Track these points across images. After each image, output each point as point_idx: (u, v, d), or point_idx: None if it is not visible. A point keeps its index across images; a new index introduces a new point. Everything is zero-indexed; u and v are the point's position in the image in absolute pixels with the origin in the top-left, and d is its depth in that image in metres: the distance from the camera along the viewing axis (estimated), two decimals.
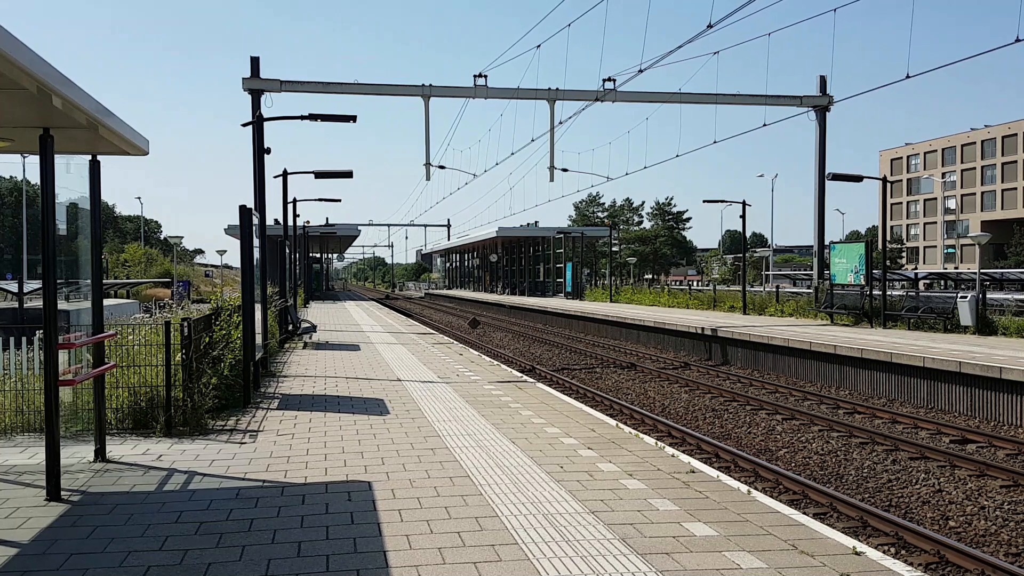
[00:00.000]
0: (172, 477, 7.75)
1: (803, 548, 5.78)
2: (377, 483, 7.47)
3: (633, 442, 9.37)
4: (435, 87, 25.32)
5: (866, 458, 11.47)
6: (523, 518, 6.40)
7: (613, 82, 23.91)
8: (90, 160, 8.04)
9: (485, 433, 9.81)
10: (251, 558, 5.55)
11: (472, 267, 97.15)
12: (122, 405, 9.98)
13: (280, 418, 10.85)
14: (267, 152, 18.84)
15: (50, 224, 6.71)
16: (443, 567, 5.36)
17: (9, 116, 6.49)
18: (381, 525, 6.22)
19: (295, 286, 36.27)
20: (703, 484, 7.50)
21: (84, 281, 8.35)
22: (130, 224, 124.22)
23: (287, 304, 23.81)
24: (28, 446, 8.99)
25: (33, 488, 7.25)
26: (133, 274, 72.51)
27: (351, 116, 17.51)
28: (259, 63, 23.17)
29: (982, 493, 9.73)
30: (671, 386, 18.68)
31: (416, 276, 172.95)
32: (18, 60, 4.99)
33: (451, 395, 12.88)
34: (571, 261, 57.92)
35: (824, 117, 27.22)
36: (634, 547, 5.73)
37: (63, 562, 5.48)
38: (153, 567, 5.39)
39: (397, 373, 15.73)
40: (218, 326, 12.71)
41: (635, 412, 14.81)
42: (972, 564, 7.37)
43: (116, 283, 52.71)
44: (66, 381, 7.15)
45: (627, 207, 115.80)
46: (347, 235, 72.11)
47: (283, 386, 14.01)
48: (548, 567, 5.35)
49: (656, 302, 43.78)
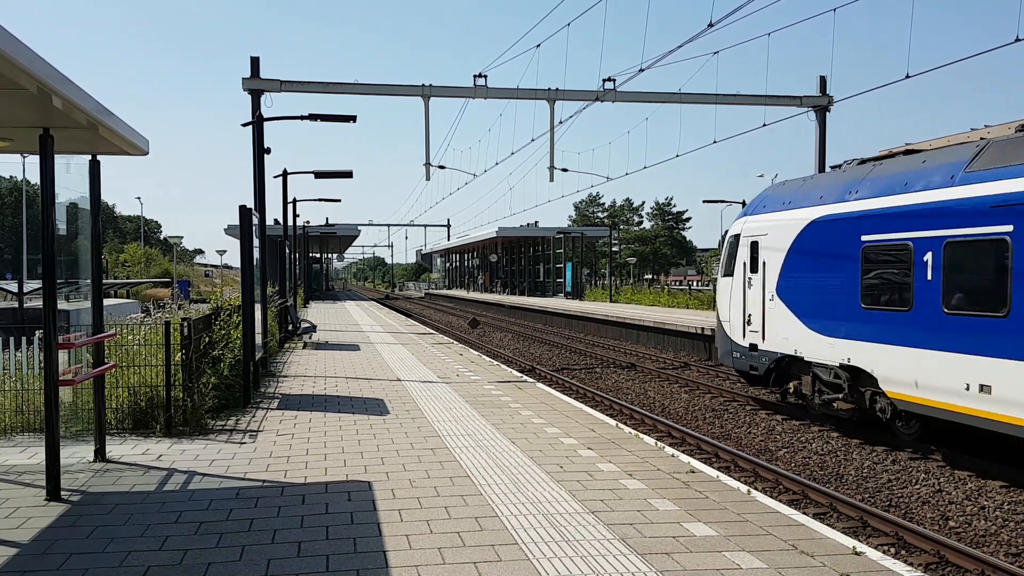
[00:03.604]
0: (172, 477, 7.75)
1: (803, 548, 5.79)
2: (377, 483, 7.47)
3: (633, 442, 9.37)
4: (435, 87, 25.31)
5: (866, 458, 11.46)
6: (523, 518, 6.40)
7: (613, 82, 23.90)
8: (90, 160, 8.04)
9: (485, 433, 9.81)
10: (251, 558, 5.55)
11: (472, 267, 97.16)
12: (122, 405, 9.98)
13: (280, 418, 10.85)
14: (267, 152, 18.82)
15: (50, 224, 6.71)
16: (443, 567, 5.37)
17: (9, 116, 6.49)
18: (381, 525, 6.23)
19: (295, 286, 36.28)
20: (703, 484, 7.51)
21: (84, 281, 8.35)
22: (130, 224, 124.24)
23: (287, 304, 23.82)
24: (28, 446, 8.99)
25: (33, 488, 7.25)
26: (133, 274, 72.49)
27: (351, 116, 17.52)
28: (259, 63, 23.16)
29: (982, 493, 9.73)
30: (671, 386, 18.67)
31: (416, 276, 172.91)
32: (18, 60, 5.00)
33: (451, 395, 12.88)
34: (571, 261, 57.92)
35: (824, 117, 27.21)
36: (634, 547, 5.73)
37: (63, 562, 5.48)
38: (153, 567, 5.39)
39: (397, 373, 15.73)
40: (218, 326, 12.71)
41: (635, 412, 14.81)
42: (972, 564, 7.37)
43: (116, 283, 52.67)
44: (66, 381, 7.15)
45: (627, 207, 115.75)
46: (347, 235, 72.12)
47: (283, 386, 14.01)
48: (548, 567, 5.35)
49: (656, 302, 43.80)
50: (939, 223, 10.62)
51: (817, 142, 27.36)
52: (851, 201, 12.43)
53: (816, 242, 13.19)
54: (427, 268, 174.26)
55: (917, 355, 10.94)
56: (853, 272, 12.20)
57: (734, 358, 15.87)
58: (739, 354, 15.59)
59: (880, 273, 11.79)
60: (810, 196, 13.69)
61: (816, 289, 13.18)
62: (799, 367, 13.84)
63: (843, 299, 12.42)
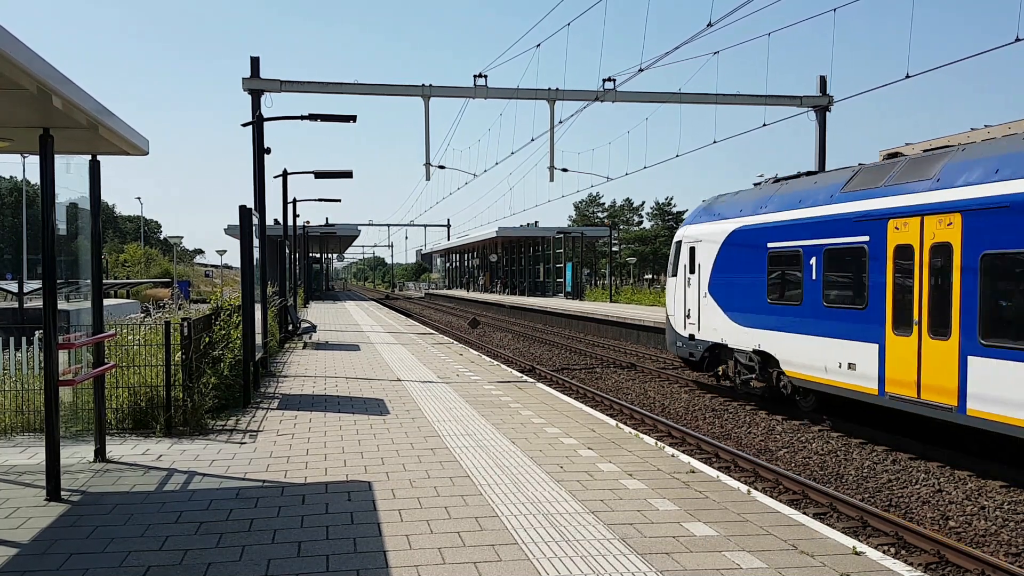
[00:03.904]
0: (172, 477, 7.75)
1: (803, 548, 5.79)
2: (377, 483, 7.47)
3: (633, 442, 9.37)
4: (435, 87, 25.29)
5: (866, 458, 11.47)
6: (523, 518, 6.40)
7: (613, 82, 23.88)
8: (90, 160, 8.04)
9: (485, 433, 9.81)
10: (251, 558, 5.55)
11: (472, 267, 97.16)
12: (122, 405, 9.98)
13: (280, 418, 10.85)
14: (267, 152, 18.82)
15: (50, 224, 6.71)
16: (443, 567, 5.37)
17: (9, 116, 6.49)
18: (381, 525, 6.23)
19: (295, 286, 36.28)
20: (703, 484, 7.51)
21: (84, 281, 8.35)
22: (130, 224, 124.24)
23: (287, 304, 23.82)
24: (28, 446, 9.00)
25: (33, 488, 7.25)
26: (133, 274, 72.52)
27: (351, 116, 17.51)
28: (259, 63, 23.14)
29: (982, 493, 9.73)
30: (671, 386, 18.67)
31: (416, 276, 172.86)
32: (18, 60, 4.99)
33: (451, 395, 12.88)
34: (571, 261, 57.92)
35: (824, 117, 27.19)
36: (634, 547, 5.73)
37: (63, 562, 5.48)
38: (153, 567, 5.39)
39: (397, 373, 15.73)
40: (218, 326, 12.72)
41: (635, 412, 14.81)
42: (972, 564, 7.37)
43: (116, 283, 52.69)
44: (66, 381, 7.15)
45: (627, 207, 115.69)
46: (347, 235, 72.13)
47: (283, 386, 14.01)
48: (548, 567, 5.35)
49: (656, 302, 43.76)
50: (820, 233, 13.11)
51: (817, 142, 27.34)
52: (762, 214, 14.96)
53: (736, 248, 15.73)
54: (427, 268, 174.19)
55: (807, 340, 13.46)
56: (762, 273, 14.72)
57: (677, 347, 18.38)
58: (681, 343, 18.08)
59: (781, 274, 14.28)
60: (734, 209, 16.19)
61: (736, 287, 15.69)
62: (726, 353, 16.33)
63: (755, 295, 14.95)
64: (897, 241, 11.41)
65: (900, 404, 11.44)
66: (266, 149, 18.79)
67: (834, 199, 12.88)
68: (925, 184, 11.09)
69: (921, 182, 11.19)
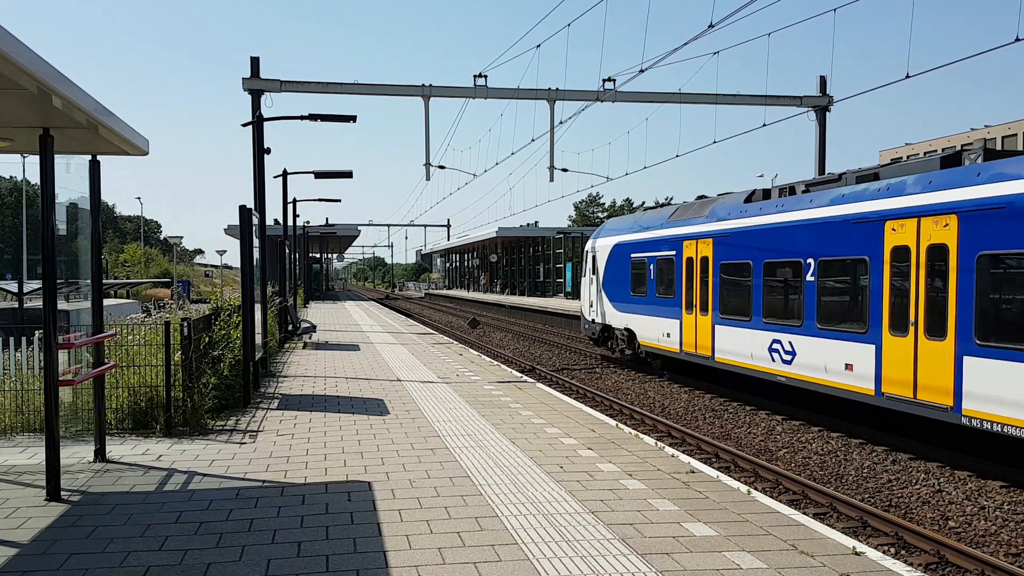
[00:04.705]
0: (172, 477, 7.75)
1: (803, 548, 5.79)
2: (377, 483, 7.47)
3: (633, 442, 9.37)
4: (435, 87, 25.27)
5: (866, 458, 11.46)
6: (523, 518, 6.40)
7: (613, 82, 23.86)
8: (90, 160, 8.04)
9: (485, 433, 9.81)
10: (251, 558, 5.55)
11: (472, 267, 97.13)
12: (122, 405, 9.98)
13: (280, 418, 10.85)
14: (267, 152, 18.81)
15: (50, 224, 6.71)
16: (443, 567, 5.37)
17: (9, 116, 6.49)
18: (381, 525, 6.23)
19: (295, 286, 36.28)
20: (703, 484, 7.51)
21: (84, 281, 8.35)
22: (130, 224, 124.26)
23: (287, 304, 23.82)
24: (28, 446, 9.00)
25: (33, 488, 7.25)
26: (133, 274, 72.55)
27: (351, 116, 17.51)
28: (259, 63, 23.12)
29: (982, 493, 9.73)
30: (671, 386, 18.67)
31: (416, 276, 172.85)
32: (18, 60, 4.99)
33: (451, 395, 12.89)
34: (571, 261, 57.89)
35: (824, 117, 27.16)
36: (634, 547, 5.73)
37: (63, 562, 5.48)
38: (153, 567, 5.39)
39: (397, 373, 15.73)
40: (218, 326, 12.71)
41: (635, 412, 14.81)
42: (972, 564, 7.37)
43: (116, 283, 52.68)
44: (66, 381, 7.15)
45: (627, 207, 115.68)
46: (347, 235, 72.10)
47: (283, 386, 14.01)
48: (548, 567, 5.35)
49: None
50: (655, 248, 19.47)
51: (817, 142, 27.33)
52: (628, 234, 21.45)
53: (615, 257, 22.07)
54: (427, 268, 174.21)
55: (649, 319, 19.83)
56: (628, 274, 21.07)
57: (585, 328, 25.19)
58: (587, 326, 24.82)
59: (637, 275, 20.51)
60: (618, 229, 22.53)
61: (616, 284, 22.02)
62: (611, 332, 22.75)
63: (624, 290, 21.35)
64: (688, 254, 17.75)
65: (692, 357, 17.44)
66: (266, 149, 18.78)
67: (663, 226, 19.23)
68: (700, 220, 17.42)
69: (698, 218, 17.56)
